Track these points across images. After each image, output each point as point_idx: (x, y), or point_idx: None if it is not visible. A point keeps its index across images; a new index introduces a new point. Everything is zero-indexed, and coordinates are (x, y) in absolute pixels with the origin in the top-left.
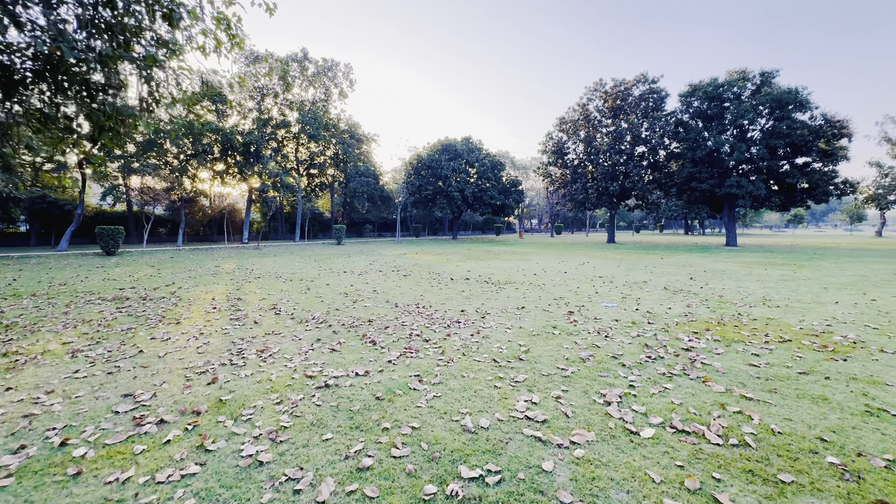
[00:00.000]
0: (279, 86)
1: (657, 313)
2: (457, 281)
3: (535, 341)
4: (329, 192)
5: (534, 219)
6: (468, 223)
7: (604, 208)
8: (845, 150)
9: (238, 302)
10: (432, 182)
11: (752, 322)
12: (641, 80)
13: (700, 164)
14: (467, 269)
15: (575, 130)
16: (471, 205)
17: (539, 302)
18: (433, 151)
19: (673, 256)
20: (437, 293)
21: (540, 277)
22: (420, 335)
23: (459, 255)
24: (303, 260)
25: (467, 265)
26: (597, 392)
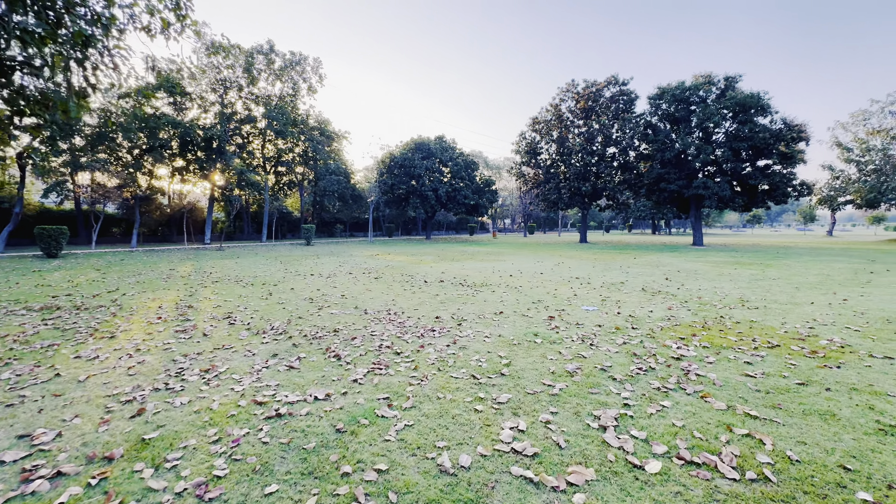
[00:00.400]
0: (244, 79)
1: (640, 317)
2: (431, 284)
3: (517, 352)
4: (298, 190)
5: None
6: (442, 223)
7: (576, 208)
8: (802, 153)
9: (188, 311)
10: (405, 181)
11: (735, 325)
12: (612, 81)
13: (668, 165)
14: (441, 271)
15: (548, 130)
16: (444, 204)
17: (517, 306)
18: (406, 150)
19: (645, 256)
20: (410, 297)
21: (516, 279)
22: (391, 347)
23: (433, 256)
24: (267, 262)
25: (441, 266)
26: (590, 414)
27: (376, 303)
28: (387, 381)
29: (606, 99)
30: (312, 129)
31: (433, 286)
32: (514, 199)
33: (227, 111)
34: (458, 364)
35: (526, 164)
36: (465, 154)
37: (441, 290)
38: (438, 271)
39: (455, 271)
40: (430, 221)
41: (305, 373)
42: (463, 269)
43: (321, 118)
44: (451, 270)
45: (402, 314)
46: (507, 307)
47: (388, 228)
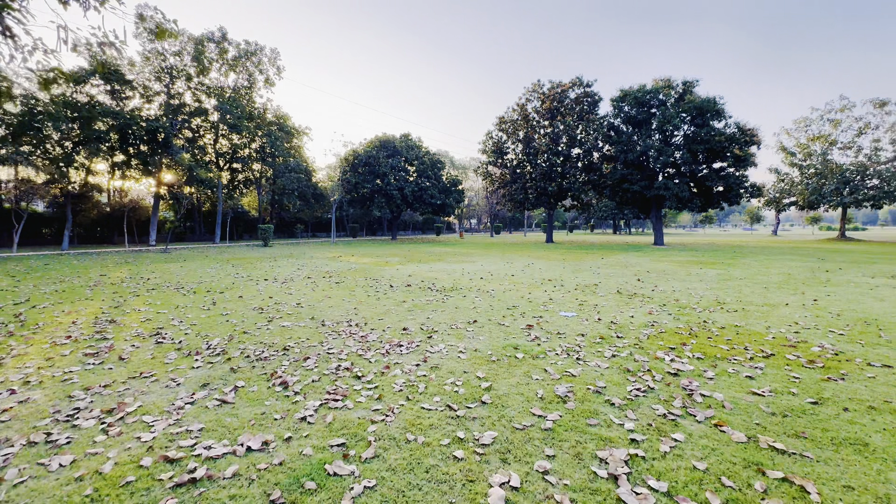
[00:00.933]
0: (193, 68)
1: (622, 324)
2: (397, 289)
3: (497, 371)
4: (256, 188)
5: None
6: (408, 223)
7: (542, 208)
8: (754, 156)
9: (108, 327)
10: (370, 180)
11: (722, 332)
12: (577, 83)
13: (631, 166)
14: (408, 274)
15: (514, 130)
16: (410, 204)
17: (492, 313)
18: (371, 148)
19: (611, 256)
20: (375, 305)
21: (487, 282)
22: (350, 368)
23: (399, 257)
24: (217, 265)
25: (408, 269)
26: (594, 456)
27: (336, 312)
28: (343, 417)
29: (571, 100)
30: (270, 124)
31: (400, 291)
32: (481, 199)
33: (174, 102)
34: (431, 390)
35: (493, 163)
36: (432, 153)
37: (408, 296)
38: (405, 274)
39: (423, 274)
40: (395, 221)
41: (241, 409)
42: (431, 271)
43: (280, 113)
44: (418, 273)
45: (365, 325)
46: (480, 314)
47: (352, 229)
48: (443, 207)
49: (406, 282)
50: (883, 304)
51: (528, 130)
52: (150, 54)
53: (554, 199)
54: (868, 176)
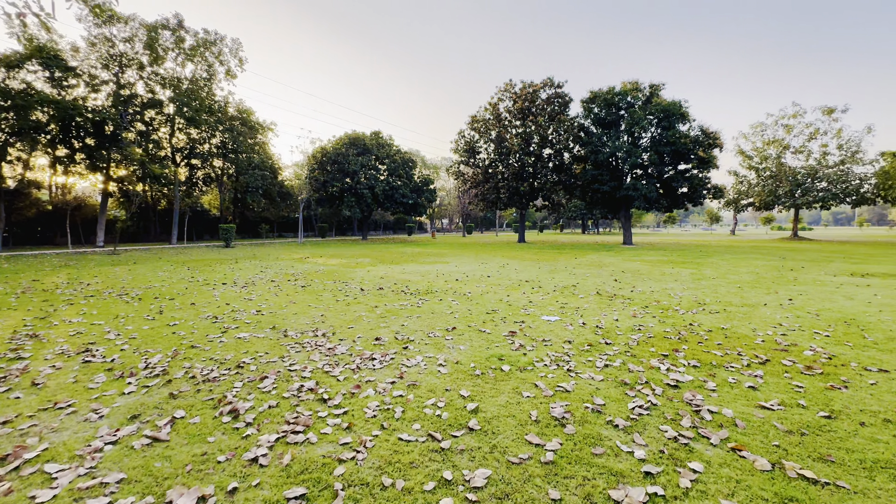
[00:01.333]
0: (146, 56)
1: (608, 328)
2: (368, 292)
3: (483, 388)
4: (217, 186)
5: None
6: (378, 223)
7: (514, 208)
8: (716, 158)
9: (27, 343)
10: (339, 178)
11: (710, 336)
12: (548, 83)
13: (601, 167)
14: (380, 276)
15: (486, 130)
16: (381, 203)
17: (471, 318)
18: (340, 145)
19: (584, 255)
20: (344, 311)
21: (463, 284)
22: (315, 389)
23: (370, 258)
24: (171, 268)
25: (380, 270)
26: (608, 498)
27: (301, 320)
28: (305, 456)
29: (543, 100)
30: (232, 119)
31: (371, 295)
32: (452, 199)
33: (124, 92)
34: (409, 414)
35: (465, 163)
36: (403, 151)
37: (381, 301)
38: (377, 276)
39: (395, 276)
40: (366, 221)
41: (177, 449)
42: (404, 272)
43: (243, 107)
44: (390, 275)
45: (333, 335)
46: (459, 320)
47: (320, 228)
48: (414, 207)
49: (378, 284)
50: (853, 302)
51: (500, 130)
52: (96, 40)
53: (526, 199)
54: (818, 179)
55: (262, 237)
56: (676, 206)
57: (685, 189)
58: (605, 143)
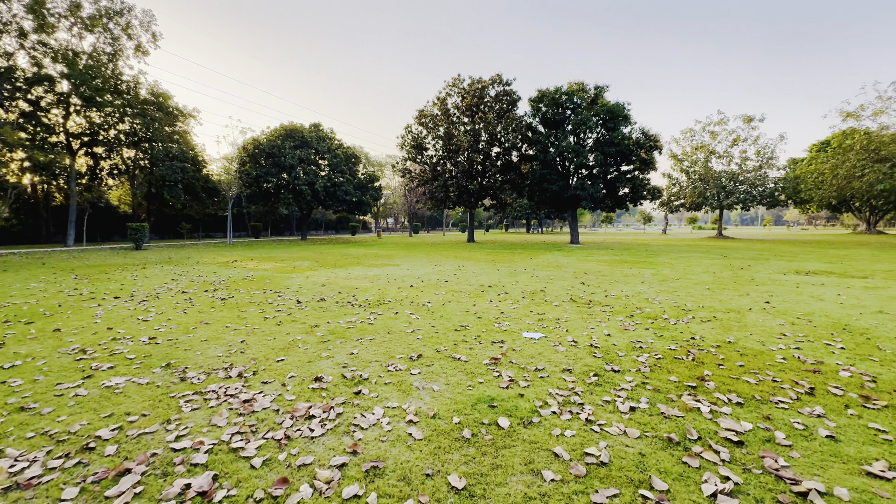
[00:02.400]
0: (28, 21)
1: (605, 348)
2: (307, 305)
3: (480, 465)
4: (129, 180)
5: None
6: (319, 222)
7: (462, 207)
8: (656, 161)
9: None
10: (274, 173)
11: (725, 354)
12: (497, 80)
13: (548, 167)
14: (322, 283)
15: (435, 125)
16: (322, 201)
17: (438, 338)
18: (275, 137)
19: (539, 256)
20: (273, 334)
21: (420, 291)
22: (209, 494)
23: (310, 261)
24: (53, 278)
25: (321, 275)
26: None
27: (211, 351)
28: None
29: (491, 98)
30: (145, 103)
31: (310, 309)
32: (398, 197)
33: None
34: None
35: (412, 159)
36: (346, 146)
37: (322, 317)
38: (318, 283)
39: (340, 282)
40: (305, 220)
41: None
42: (349, 278)
43: (158, 90)
44: (334, 281)
45: (254, 375)
46: (424, 342)
47: (254, 228)
48: (359, 205)
49: (319, 294)
50: (825, 303)
51: (448, 126)
52: None
53: (475, 197)
54: (739, 182)
55: (184, 237)
56: (619, 206)
57: (626, 189)
58: (553, 142)
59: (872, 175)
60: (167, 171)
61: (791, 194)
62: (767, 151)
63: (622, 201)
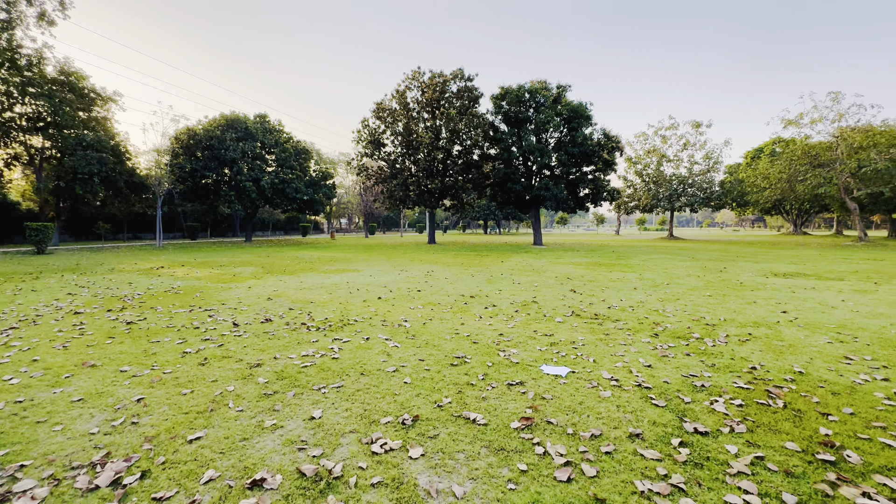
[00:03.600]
0: None
1: (658, 388)
2: (247, 328)
3: None
4: (35, 172)
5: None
6: (267, 222)
7: (421, 207)
8: (616, 162)
9: None
10: (214, 167)
11: (817, 394)
12: (459, 76)
13: (512, 166)
14: (267, 295)
15: (393, 120)
16: (269, 199)
17: (432, 380)
18: (214, 127)
19: (509, 258)
20: (191, 384)
21: (391, 304)
22: None
23: (255, 267)
24: None
25: (268, 285)
26: None
27: (79, 425)
28: None
29: (453, 93)
30: (53, 83)
31: (251, 336)
32: (353, 196)
33: None
34: None
35: (369, 155)
36: (297, 140)
37: (267, 348)
38: (263, 296)
39: (291, 294)
40: (250, 220)
41: None
42: (302, 287)
43: (69, 68)
44: (284, 293)
45: (140, 481)
46: (415, 389)
47: (190, 228)
48: (311, 204)
49: (264, 312)
50: (840, 312)
51: (408, 121)
52: None
53: (436, 197)
54: (689, 185)
55: (103, 239)
56: (580, 207)
57: (588, 190)
58: (516, 141)
59: (814, 179)
60: (79, 161)
61: (736, 197)
62: (714, 156)
63: (583, 202)
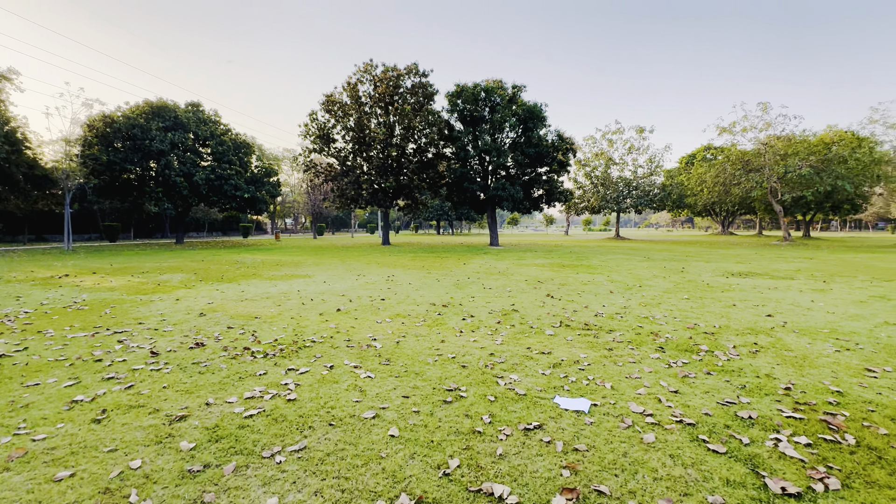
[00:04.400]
0: None
1: (702, 423)
2: (169, 359)
3: None
4: None
5: (288, 218)
6: (202, 222)
7: (373, 207)
8: (570, 163)
9: None
10: (137, 160)
11: (876, 421)
12: (413, 70)
13: (468, 166)
14: (200, 310)
15: (344, 114)
16: (204, 196)
17: (426, 428)
18: (136, 114)
19: (471, 260)
20: (72, 452)
21: (354, 318)
22: None
23: (187, 273)
24: None
25: (200, 296)
26: None
27: None
28: None
29: (407, 89)
30: None
31: (174, 370)
32: (299, 195)
33: None
34: None
35: (318, 151)
36: (236, 133)
37: (194, 388)
38: (194, 311)
39: (230, 308)
40: (182, 219)
41: None
42: (244, 298)
43: None
44: (221, 306)
45: None
46: (405, 447)
47: (108, 229)
48: (252, 202)
49: (194, 333)
50: (815, 313)
51: (360, 116)
52: None
53: (391, 197)
54: (634, 188)
55: None
56: (535, 207)
57: (541, 191)
58: (472, 140)
59: (748, 183)
60: None
61: (677, 199)
62: (656, 160)
63: (538, 203)
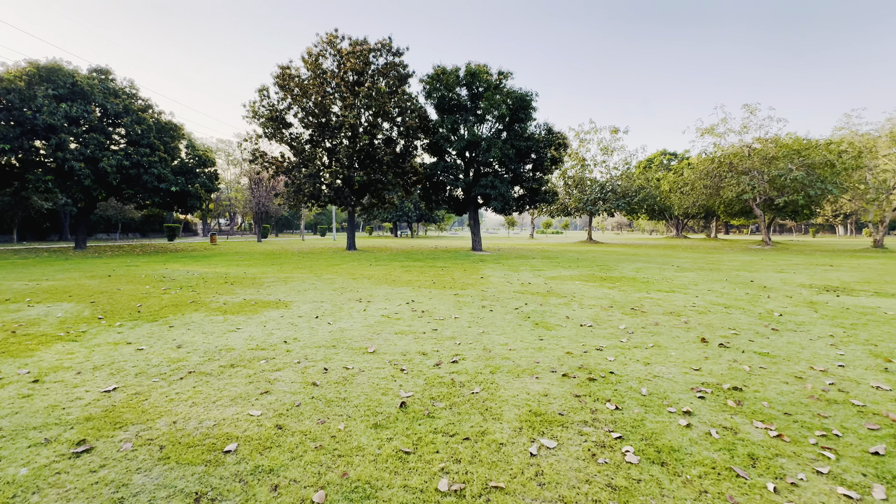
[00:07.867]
0: None
1: None
2: None
3: None
4: None
5: (222, 217)
6: (114, 221)
7: (338, 205)
8: (562, 160)
9: None
10: (15, 137)
11: None
12: (385, 46)
13: (447, 161)
14: (86, 414)
15: (303, 93)
16: (115, 188)
17: None
18: (17, 77)
19: (481, 271)
20: None
21: (439, 432)
22: None
23: (78, 302)
24: None
25: (90, 363)
26: None
27: None
28: None
29: (378, 67)
30: None
31: None
32: (237, 191)
33: None
34: None
35: (270, 136)
36: (160, 112)
37: None
38: (67, 420)
39: (153, 404)
40: (85, 217)
41: None
42: (184, 371)
43: None
44: (129, 401)
45: None
46: None
47: None
48: (183, 197)
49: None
50: None
51: (322, 98)
52: None
53: (358, 195)
54: (609, 190)
55: None
56: (520, 208)
57: (523, 191)
58: (453, 131)
59: (739, 187)
60: None
61: (652, 203)
62: (630, 162)
63: (521, 204)
